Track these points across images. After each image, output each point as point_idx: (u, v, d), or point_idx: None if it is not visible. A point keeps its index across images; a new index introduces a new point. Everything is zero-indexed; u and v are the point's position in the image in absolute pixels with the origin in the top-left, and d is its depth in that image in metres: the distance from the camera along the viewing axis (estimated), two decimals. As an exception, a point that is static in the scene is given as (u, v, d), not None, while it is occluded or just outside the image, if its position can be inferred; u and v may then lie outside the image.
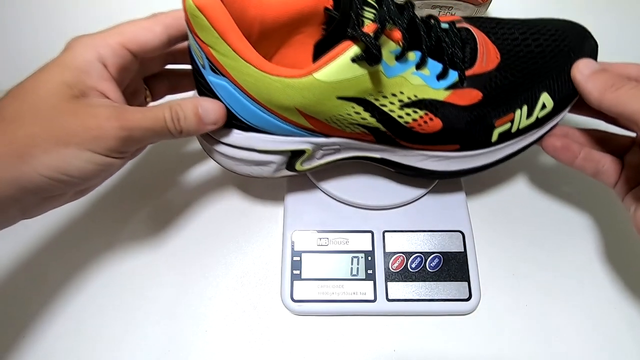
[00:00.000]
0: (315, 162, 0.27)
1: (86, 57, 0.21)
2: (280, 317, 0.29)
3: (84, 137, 0.20)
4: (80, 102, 0.20)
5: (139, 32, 0.23)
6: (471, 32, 0.26)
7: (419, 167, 0.27)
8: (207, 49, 0.20)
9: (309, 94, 0.21)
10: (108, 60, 0.22)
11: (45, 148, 0.19)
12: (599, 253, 0.31)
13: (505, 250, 0.31)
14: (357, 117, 0.23)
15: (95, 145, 0.20)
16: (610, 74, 0.24)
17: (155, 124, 0.22)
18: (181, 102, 0.23)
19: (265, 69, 0.21)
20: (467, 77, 0.25)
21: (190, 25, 0.20)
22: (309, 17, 0.25)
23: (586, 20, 0.30)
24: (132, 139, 0.21)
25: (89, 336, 0.29)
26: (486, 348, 0.28)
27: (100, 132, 0.20)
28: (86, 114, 0.20)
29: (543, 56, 0.26)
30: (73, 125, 0.20)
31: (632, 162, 0.26)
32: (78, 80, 0.21)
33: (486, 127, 0.25)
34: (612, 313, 0.29)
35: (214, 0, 0.19)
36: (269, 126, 0.24)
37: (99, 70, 0.21)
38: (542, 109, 0.25)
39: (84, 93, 0.21)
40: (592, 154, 0.27)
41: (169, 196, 0.34)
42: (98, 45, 0.22)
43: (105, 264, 0.31)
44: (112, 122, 0.20)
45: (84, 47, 0.22)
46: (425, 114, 0.24)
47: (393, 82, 0.22)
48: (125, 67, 0.23)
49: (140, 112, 0.22)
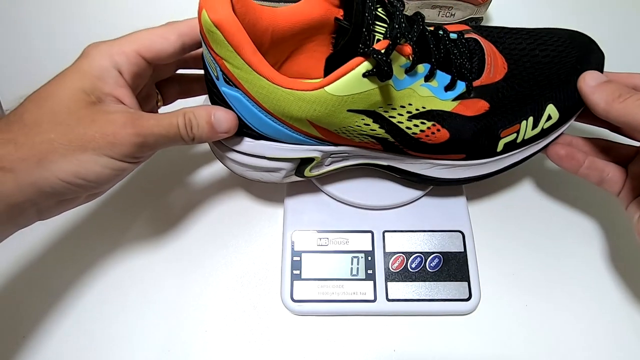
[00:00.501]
0: (323, 168, 0.28)
1: (102, 64, 0.22)
2: (280, 317, 0.29)
3: (101, 143, 0.21)
4: (97, 109, 0.21)
5: (153, 40, 0.23)
6: (479, 42, 0.26)
7: (425, 175, 0.28)
8: (221, 62, 0.21)
9: (320, 106, 0.22)
10: (123, 67, 0.22)
11: (64, 153, 0.20)
12: (599, 253, 0.32)
13: (505, 250, 0.31)
14: (366, 128, 0.23)
15: (111, 151, 0.21)
16: (616, 85, 0.24)
17: (169, 131, 0.23)
18: (195, 110, 0.23)
19: (277, 81, 0.21)
20: (474, 88, 0.25)
21: (205, 39, 0.20)
22: (319, 27, 0.26)
23: (583, 20, 0.30)
24: (147, 145, 0.22)
25: (89, 336, 0.29)
26: (486, 348, 0.28)
27: (117, 138, 0.21)
28: (103, 120, 0.21)
29: (550, 67, 0.26)
30: (90, 132, 0.20)
31: (636, 171, 0.27)
32: (95, 87, 0.21)
33: (492, 137, 0.25)
34: (612, 313, 0.29)
35: (230, 16, 0.19)
36: (280, 135, 0.24)
37: (114, 77, 0.22)
38: (547, 119, 0.26)
39: (101, 99, 0.21)
40: (596, 163, 0.28)
41: (169, 197, 0.34)
42: (114, 52, 0.22)
43: (105, 264, 0.31)
44: (127, 129, 0.21)
45: (100, 54, 0.22)
46: (433, 124, 0.24)
47: (402, 94, 0.23)
48: (139, 74, 0.23)
49: (155, 119, 0.22)
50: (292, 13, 0.25)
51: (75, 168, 0.20)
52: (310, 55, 0.28)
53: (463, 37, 0.26)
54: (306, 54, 0.28)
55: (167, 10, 0.32)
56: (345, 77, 0.20)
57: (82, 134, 0.20)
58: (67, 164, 0.20)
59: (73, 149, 0.20)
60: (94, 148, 0.20)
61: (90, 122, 0.21)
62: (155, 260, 0.31)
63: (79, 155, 0.20)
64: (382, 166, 0.28)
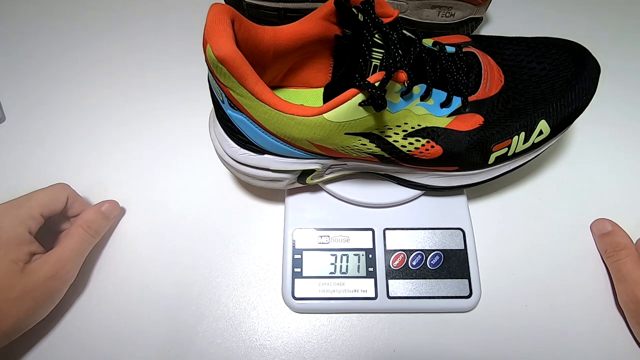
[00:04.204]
0: (324, 176, 0.30)
1: (18, 232, 0.26)
2: (281, 315, 0.29)
3: (43, 292, 0.26)
4: (25, 272, 0.26)
5: (49, 201, 0.29)
6: (477, 56, 0.27)
7: (420, 183, 0.30)
8: (227, 90, 0.22)
9: (319, 130, 0.23)
10: (33, 228, 0.28)
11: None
12: (599, 253, 0.32)
13: (506, 247, 0.32)
14: (363, 147, 0.25)
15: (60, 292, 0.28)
16: (609, 241, 0.31)
17: (81, 245, 0.29)
18: (84, 216, 0.30)
19: (279, 108, 0.22)
20: (469, 103, 0.26)
21: (211, 69, 0.22)
22: (319, 43, 0.27)
23: (582, 19, 0.28)
24: (76, 264, 0.28)
25: (89, 336, 0.29)
26: (486, 345, 0.28)
27: (55, 284, 0.27)
28: (33, 281, 0.26)
29: (546, 80, 0.27)
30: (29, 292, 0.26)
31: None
32: (18, 253, 0.26)
33: (484, 152, 0.26)
34: (612, 313, 0.30)
35: (233, 51, 0.20)
36: (282, 151, 0.26)
37: (29, 239, 0.27)
38: (539, 134, 0.26)
39: (25, 260, 0.26)
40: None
41: (169, 196, 0.34)
42: (25, 218, 0.27)
43: (105, 264, 0.31)
44: (54, 274, 0.27)
45: (13, 222, 0.27)
46: (427, 142, 0.25)
47: (397, 115, 0.24)
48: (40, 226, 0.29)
49: (66, 245, 0.28)
50: (292, 31, 0.25)
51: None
52: (312, 66, 0.29)
53: (461, 51, 0.27)
54: (308, 65, 0.29)
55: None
56: (341, 106, 0.22)
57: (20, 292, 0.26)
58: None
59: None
60: (35, 297, 0.26)
61: (24, 287, 0.26)
62: (157, 260, 0.31)
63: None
64: (380, 174, 0.30)
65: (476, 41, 0.29)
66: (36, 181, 0.31)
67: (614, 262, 0.30)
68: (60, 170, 0.35)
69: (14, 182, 0.35)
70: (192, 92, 0.38)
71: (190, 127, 0.37)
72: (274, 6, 0.35)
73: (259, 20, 0.37)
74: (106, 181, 0.35)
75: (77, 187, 0.32)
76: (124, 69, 0.40)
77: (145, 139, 0.37)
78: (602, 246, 0.31)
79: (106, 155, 0.36)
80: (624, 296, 0.28)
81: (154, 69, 0.40)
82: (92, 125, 0.37)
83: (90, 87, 0.39)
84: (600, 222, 0.32)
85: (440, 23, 0.35)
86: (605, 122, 0.37)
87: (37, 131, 0.37)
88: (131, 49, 0.41)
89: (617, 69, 0.39)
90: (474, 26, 0.38)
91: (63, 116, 0.38)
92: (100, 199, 0.33)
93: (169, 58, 0.41)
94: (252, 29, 0.23)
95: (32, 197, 0.28)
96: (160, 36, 0.42)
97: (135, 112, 0.38)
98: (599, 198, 0.34)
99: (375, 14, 0.22)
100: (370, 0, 0.22)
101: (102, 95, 0.39)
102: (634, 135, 0.37)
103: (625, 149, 0.36)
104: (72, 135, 0.37)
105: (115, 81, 0.40)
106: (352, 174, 0.31)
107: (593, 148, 0.36)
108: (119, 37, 0.42)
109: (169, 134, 0.37)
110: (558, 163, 0.36)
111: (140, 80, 0.40)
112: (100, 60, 0.41)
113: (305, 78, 0.30)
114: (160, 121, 0.37)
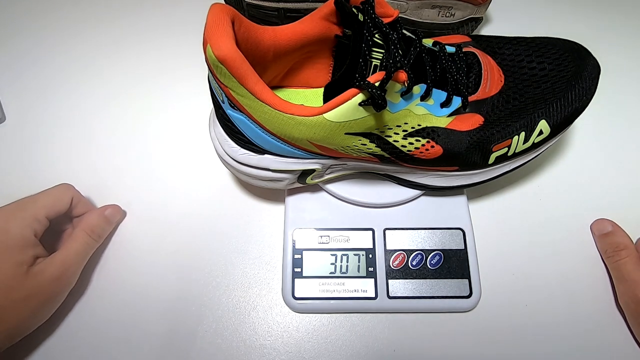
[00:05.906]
0: (324, 176, 0.30)
1: (24, 235, 0.26)
2: (281, 315, 0.29)
3: (46, 294, 0.27)
4: (29, 274, 0.26)
5: (54, 203, 0.29)
6: (477, 56, 0.27)
7: (420, 183, 0.30)
8: (227, 90, 0.22)
9: (319, 130, 0.23)
10: (38, 231, 0.28)
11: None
12: (599, 253, 0.32)
13: (506, 247, 0.32)
14: (363, 147, 0.25)
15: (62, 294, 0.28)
16: (609, 241, 0.31)
17: (84, 249, 0.29)
18: (87, 220, 0.30)
19: (279, 108, 0.22)
20: (470, 103, 0.26)
21: (211, 69, 0.22)
22: (319, 42, 0.27)
23: (582, 19, 0.28)
24: (79, 267, 0.29)
25: (90, 337, 0.29)
26: (486, 345, 0.28)
27: (58, 287, 0.27)
28: (37, 284, 0.26)
29: (546, 81, 0.27)
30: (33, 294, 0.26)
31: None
32: (24, 256, 0.26)
33: (484, 152, 0.26)
34: (612, 313, 0.30)
35: (233, 51, 0.20)
36: (282, 151, 0.26)
37: (34, 242, 0.27)
38: (539, 134, 0.26)
39: (29, 263, 0.26)
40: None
41: (169, 195, 0.34)
42: (31, 221, 0.27)
43: (106, 264, 0.31)
44: (57, 277, 0.27)
45: (20, 225, 0.27)
46: (427, 141, 0.25)
47: (398, 115, 0.24)
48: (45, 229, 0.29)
49: (69, 249, 0.28)
50: (292, 31, 0.25)
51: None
52: (312, 66, 0.29)
53: (461, 51, 0.27)
54: (308, 65, 0.29)
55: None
56: (342, 106, 0.22)
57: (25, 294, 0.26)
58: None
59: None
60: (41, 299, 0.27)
61: (28, 289, 0.26)
62: (157, 260, 0.31)
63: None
64: (380, 174, 0.30)
65: (476, 41, 0.29)
66: (36, 181, 0.31)
67: (614, 263, 0.30)
68: (60, 170, 0.35)
69: (14, 182, 0.35)
70: (192, 92, 0.38)
71: (191, 127, 0.37)
72: (274, 6, 0.35)
73: (259, 20, 0.37)
74: (106, 181, 0.35)
75: (78, 187, 0.32)
76: (124, 69, 0.40)
77: (145, 139, 0.37)
78: (602, 246, 0.32)
79: (106, 155, 0.36)
80: (624, 296, 0.29)
81: (154, 69, 0.40)
82: (92, 126, 0.37)
83: (89, 87, 0.39)
84: (600, 222, 0.32)
85: (440, 23, 0.35)
86: (605, 122, 0.37)
87: (37, 131, 0.37)
88: (131, 50, 0.41)
89: (617, 69, 0.40)
90: (474, 26, 0.38)
91: (63, 116, 0.38)
92: (100, 199, 0.33)
93: (169, 58, 0.41)
94: (252, 29, 0.23)
95: (37, 199, 0.28)
96: (161, 36, 0.42)
97: (135, 112, 0.38)
98: (599, 198, 0.34)
99: (375, 14, 0.22)
100: (370, 0, 0.22)
101: (102, 95, 0.39)
102: (634, 135, 0.37)
103: (625, 149, 0.36)
104: (72, 135, 0.37)
105: (115, 81, 0.40)
106: (352, 174, 0.31)
107: (593, 148, 0.36)
108: (119, 37, 0.42)
109: (168, 134, 0.37)
110: (558, 163, 0.36)
111: (140, 80, 0.40)
112: (101, 61, 0.41)
113: (305, 78, 0.30)
114: (160, 121, 0.38)
